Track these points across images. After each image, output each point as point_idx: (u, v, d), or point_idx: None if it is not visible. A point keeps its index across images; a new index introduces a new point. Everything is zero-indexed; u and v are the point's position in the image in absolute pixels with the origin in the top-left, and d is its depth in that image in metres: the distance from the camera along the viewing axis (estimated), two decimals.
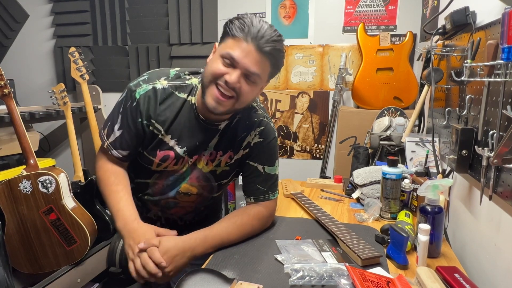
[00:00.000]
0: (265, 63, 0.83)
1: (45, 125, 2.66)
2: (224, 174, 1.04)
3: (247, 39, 0.80)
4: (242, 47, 0.80)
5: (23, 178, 1.47)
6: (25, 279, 1.62)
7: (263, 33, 0.80)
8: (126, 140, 0.93)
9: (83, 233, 1.52)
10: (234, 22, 0.82)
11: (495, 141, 0.80)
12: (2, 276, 1.19)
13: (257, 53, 0.81)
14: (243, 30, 0.80)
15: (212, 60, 0.86)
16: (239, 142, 0.99)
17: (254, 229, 0.98)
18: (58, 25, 2.60)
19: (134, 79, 0.95)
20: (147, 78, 0.92)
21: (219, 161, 1.00)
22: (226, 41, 0.83)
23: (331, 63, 2.19)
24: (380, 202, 1.15)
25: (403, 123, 1.69)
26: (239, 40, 0.80)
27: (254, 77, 0.83)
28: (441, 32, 1.22)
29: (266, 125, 1.01)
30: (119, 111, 0.93)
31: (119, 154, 0.94)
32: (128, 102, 0.91)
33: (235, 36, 0.81)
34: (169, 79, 0.94)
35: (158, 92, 0.90)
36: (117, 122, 0.93)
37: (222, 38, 0.86)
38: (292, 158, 2.36)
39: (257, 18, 0.82)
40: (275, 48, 0.82)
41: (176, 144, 0.94)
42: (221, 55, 0.83)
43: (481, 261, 0.90)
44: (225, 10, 2.30)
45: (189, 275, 0.76)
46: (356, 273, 0.74)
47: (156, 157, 0.95)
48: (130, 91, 0.91)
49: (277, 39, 0.82)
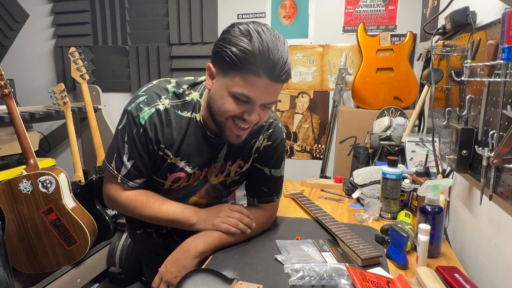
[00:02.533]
0: (280, 87, 0.78)
1: (45, 125, 2.66)
2: (233, 183, 1.02)
3: (259, 73, 0.70)
4: (256, 85, 0.71)
5: (23, 178, 1.47)
6: (25, 279, 1.63)
7: (273, 59, 0.69)
8: (140, 169, 0.87)
9: (83, 233, 1.52)
10: (233, 52, 0.69)
11: (495, 141, 0.80)
12: (2, 276, 1.19)
13: (271, 84, 0.73)
14: (251, 63, 0.69)
15: (220, 95, 0.76)
16: (249, 150, 0.96)
17: (254, 231, 0.97)
18: (58, 25, 2.60)
19: (130, 101, 0.86)
20: (147, 99, 0.84)
21: (229, 171, 0.98)
22: (232, 77, 0.72)
23: (331, 63, 2.19)
24: (380, 202, 1.15)
25: (403, 123, 1.69)
26: (250, 78, 0.71)
27: (270, 104, 0.79)
28: (441, 32, 1.22)
29: (274, 127, 0.98)
30: (124, 140, 0.85)
31: (136, 184, 0.89)
32: (134, 129, 0.83)
33: (242, 73, 0.71)
34: (169, 98, 0.86)
35: (162, 114, 0.84)
36: (125, 153, 0.85)
37: (223, 69, 0.74)
38: (292, 158, 2.36)
39: (255, 34, 0.70)
40: (288, 72, 0.74)
41: (187, 165, 0.91)
42: (231, 94, 0.74)
43: (481, 261, 0.90)
44: (225, 10, 2.30)
45: (189, 275, 0.76)
46: (356, 273, 0.74)
47: (167, 180, 0.92)
48: (132, 117, 0.83)
49: (286, 58, 0.72)
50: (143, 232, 1.08)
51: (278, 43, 0.71)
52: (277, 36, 0.73)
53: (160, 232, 1.07)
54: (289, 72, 0.75)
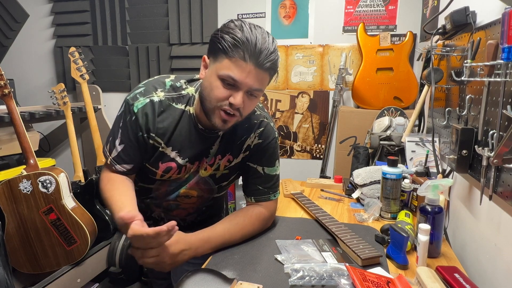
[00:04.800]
0: (265, 77, 0.83)
1: (45, 125, 2.66)
2: (223, 177, 1.04)
3: (245, 58, 0.77)
4: (242, 68, 0.77)
5: (23, 178, 1.47)
6: (25, 279, 1.62)
7: (259, 47, 0.76)
8: (129, 154, 0.92)
9: (83, 233, 1.52)
10: (225, 38, 0.77)
11: (495, 141, 0.80)
12: (2, 276, 1.19)
13: (257, 70, 0.79)
14: (238, 48, 0.76)
15: (210, 81, 0.82)
16: (239, 146, 0.99)
17: (255, 230, 0.98)
18: (58, 25, 2.60)
19: (131, 92, 0.93)
20: (144, 91, 0.91)
21: (218, 165, 1.00)
22: (221, 61, 0.79)
23: (331, 63, 2.19)
24: (380, 202, 1.15)
25: (403, 123, 1.69)
26: (237, 60, 0.77)
27: (256, 92, 0.83)
28: (441, 32, 1.22)
29: (266, 125, 1.00)
30: (119, 125, 0.92)
31: (123, 168, 0.93)
32: (128, 116, 0.90)
33: (230, 56, 0.77)
34: (165, 91, 0.92)
35: (155, 105, 0.89)
36: (118, 137, 0.92)
37: (215, 55, 0.81)
38: (292, 158, 2.36)
39: (247, 26, 0.77)
40: (273, 62, 0.81)
41: (178, 155, 0.94)
42: (219, 77, 0.80)
43: (481, 261, 0.90)
44: (225, 10, 2.30)
45: (189, 275, 0.76)
46: (356, 273, 0.74)
47: (158, 169, 0.95)
48: (128, 105, 0.90)
49: (273, 49, 0.79)
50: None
51: (267, 38, 0.79)
52: (268, 34, 0.80)
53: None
54: (275, 63, 0.81)
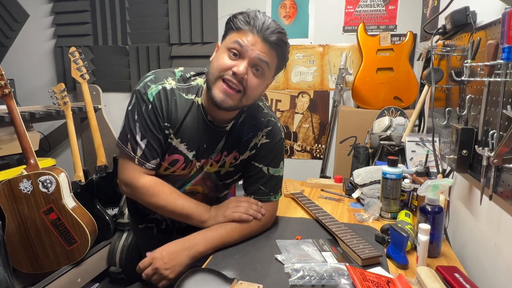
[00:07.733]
0: (272, 53, 0.84)
1: (45, 125, 2.65)
2: (228, 175, 1.03)
3: (253, 31, 0.81)
4: (249, 38, 0.81)
5: (24, 178, 1.47)
6: (25, 279, 1.63)
7: (267, 25, 0.81)
8: (154, 147, 0.88)
9: (83, 233, 1.52)
10: (237, 17, 0.83)
11: (495, 141, 0.80)
12: (2, 275, 1.19)
13: (263, 43, 0.81)
14: (248, 22, 0.81)
15: (217, 56, 0.85)
16: (246, 143, 0.98)
17: (252, 230, 0.98)
18: (58, 25, 2.60)
19: (138, 83, 0.89)
20: (154, 78, 0.88)
21: (224, 162, 0.99)
22: (231, 34, 0.83)
23: (331, 63, 2.19)
24: (380, 202, 1.15)
25: (403, 123, 1.69)
26: (245, 32, 0.81)
27: (262, 65, 0.82)
28: (441, 32, 1.22)
29: (273, 125, 0.99)
30: (134, 119, 0.87)
31: (153, 165, 0.90)
32: (143, 107, 0.85)
33: (240, 29, 0.82)
34: (176, 80, 0.91)
35: (168, 92, 0.87)
36: (137, 132, 0.86)
37: (226, 34, 0.86)
38: (292, 158, 2.36)
39: (260, 13, 0.83)
40: (280, 39, 0.83)
41: (186, 148, 0.92)
42: (227, 48, 0.82)
43: (481, 261, 0.90)
44: (225, 9, 2.30)
45: (189, 275, 0.76)
46: (356, 273, 0.74)
47: (164, 160, 0.92)
48: (141, 94, 0.86)
49: (281, 31, 0.83)
50: (145, 227, 1.10)
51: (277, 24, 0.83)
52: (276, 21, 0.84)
53: (160, 227, 1.09)
54: (282, 40, 0.84)
